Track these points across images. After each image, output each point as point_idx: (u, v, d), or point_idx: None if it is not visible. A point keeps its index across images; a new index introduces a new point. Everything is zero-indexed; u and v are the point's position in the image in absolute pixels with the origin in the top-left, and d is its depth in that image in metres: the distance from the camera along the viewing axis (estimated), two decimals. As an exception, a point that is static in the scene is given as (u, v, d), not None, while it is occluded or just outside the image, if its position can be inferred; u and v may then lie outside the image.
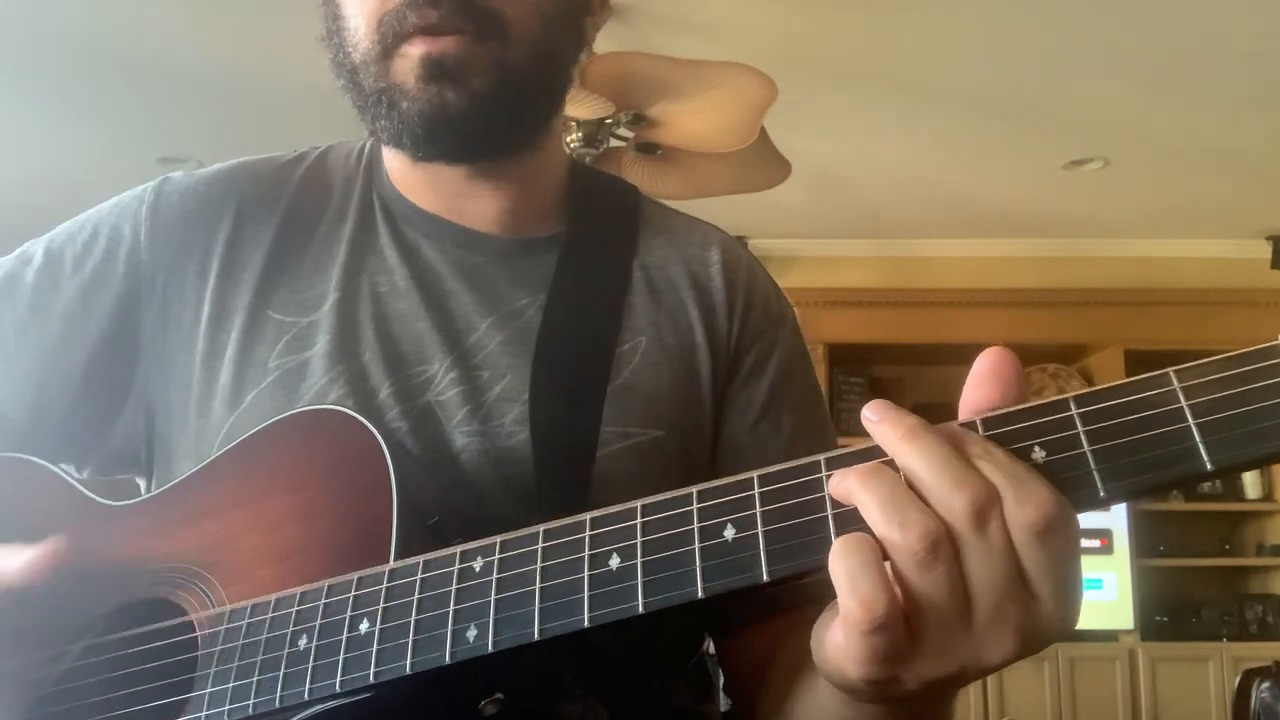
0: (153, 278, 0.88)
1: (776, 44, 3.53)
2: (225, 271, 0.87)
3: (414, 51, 0.79)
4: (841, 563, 0.50)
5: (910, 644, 0.50)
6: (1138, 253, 5.36)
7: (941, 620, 0.50)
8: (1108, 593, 5.10)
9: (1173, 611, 5.27)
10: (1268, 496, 5.40)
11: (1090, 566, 4.95)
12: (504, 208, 0.90)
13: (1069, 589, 0.50)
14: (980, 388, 0.54)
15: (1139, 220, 5.15)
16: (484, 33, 0.79)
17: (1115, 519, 5.17)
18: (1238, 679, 3.93)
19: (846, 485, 0.52)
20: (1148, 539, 5.28)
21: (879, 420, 0.53)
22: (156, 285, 0.88)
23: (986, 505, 0.49)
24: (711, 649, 0.94)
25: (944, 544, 0.49)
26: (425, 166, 0.88)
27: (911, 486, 0.51)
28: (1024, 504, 0.48)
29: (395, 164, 0.92)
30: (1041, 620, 0.50)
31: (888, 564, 0.51)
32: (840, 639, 0.52)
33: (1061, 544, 0.49)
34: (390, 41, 0.80)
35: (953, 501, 0.49)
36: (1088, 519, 0.54)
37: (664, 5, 3.26)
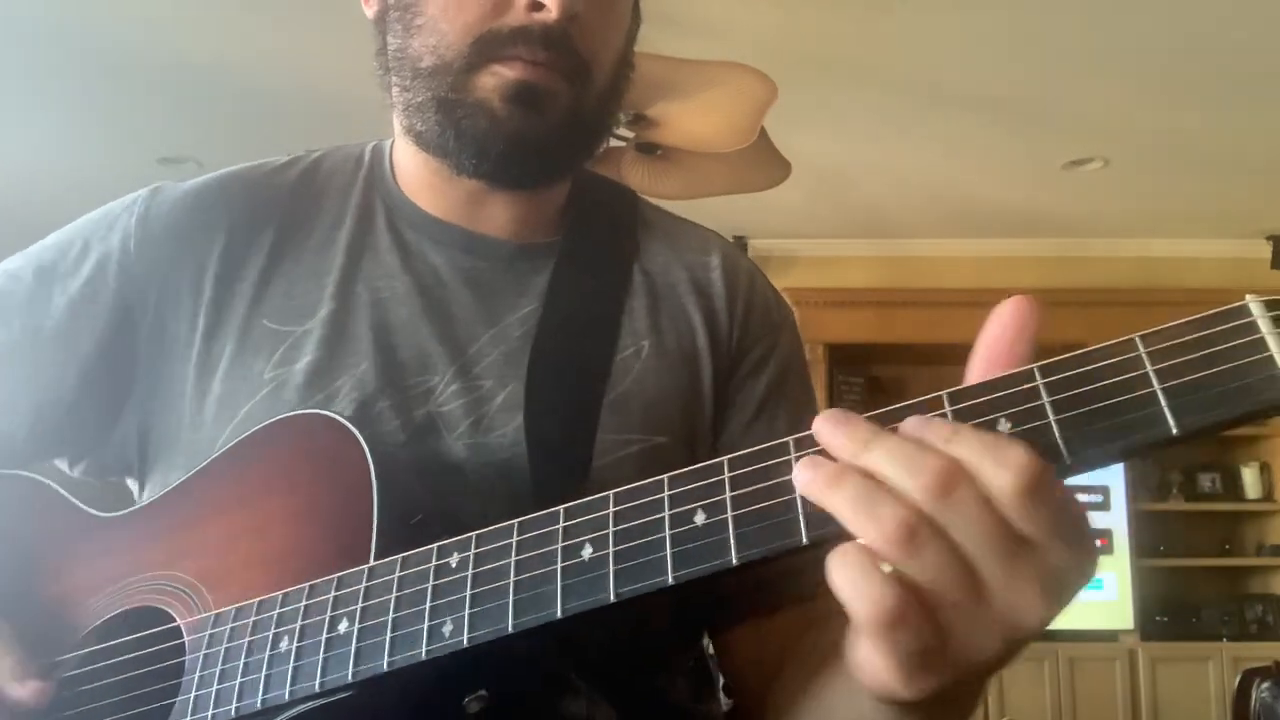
0: (144, 291, 0.86)
1: (777, 44, 3.53)
2: (220, 283, 0.86)
3: (509, 73, 0.79)
4: (839, 574, 0.50)
5: (937, 634, 0.49)
6: (1138, 253, 5.36)
7: (955, 599, 0.49)
8: (1108, 593, 5.09)
9: (1173, 611, 5.27)
10: (1268, 496, 5.39)
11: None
12: (516, 216, 0.90)
13: (1077, 534, 0.49)
14: (1003, 337, 0.53)
15: (1139, 220, 5.15)
16: (574, 77, 0.81)
17: (1115, 519, 5.16)
18: (1238, 679, 3.93)
19: (814, 491, 0.51)
20: (1148, 539, 5.27)
21: (832, 435, 0.52)
22: (149, 299, 0.86)
23: (949, 479, 0.48)
24: (712, 649, 0.94)
25: (922, 527, 0.49)
26: (450, 177, 0.87)
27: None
28: (1001, 469, 0.48)
29: (409, 168, 0.91)
30: (1059, 570, 0.49)
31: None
32: (872, 657, 0.50)
33: (1049, 495, 0.48)
34: (483, 59, 0.80)
35: (915, 484, 0.49)
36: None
37: (664, 5, 3.26)
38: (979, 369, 0.53)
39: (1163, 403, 0.47)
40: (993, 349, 0.53)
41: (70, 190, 4.43)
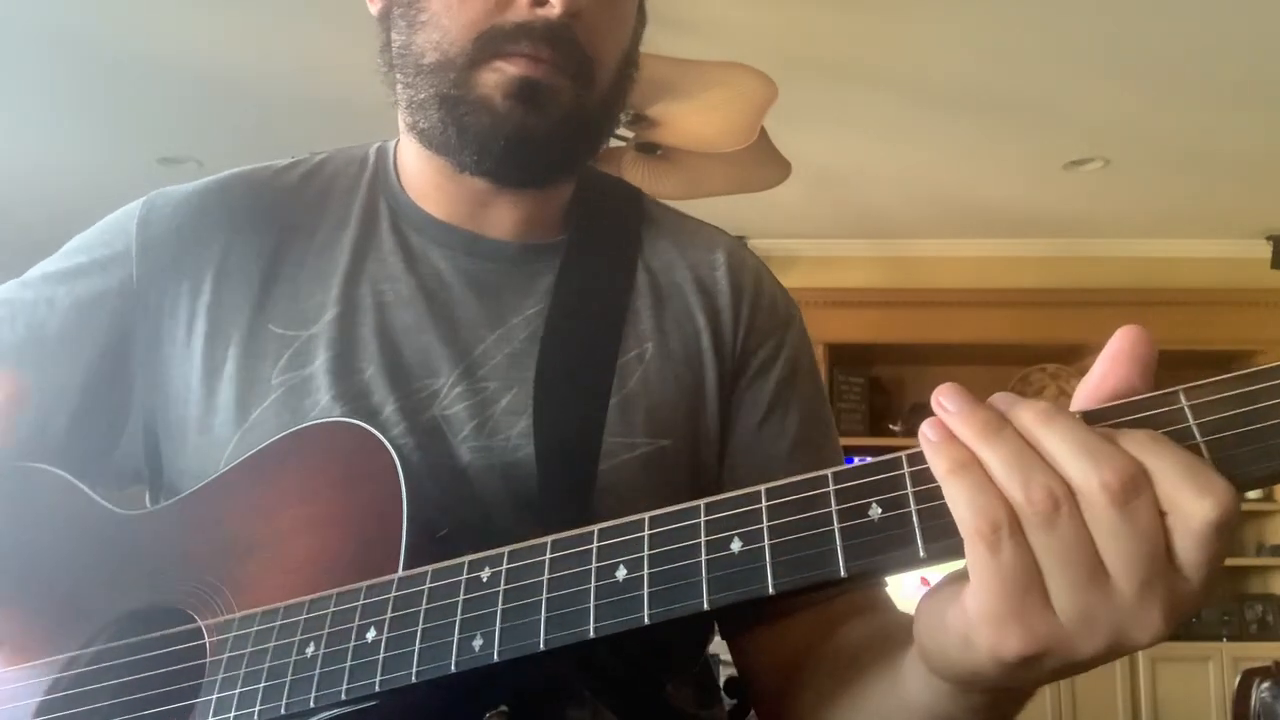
0: (144, 295, 0.86)
1: (776, 44, 3.53)
2: (220, 286, 0.86)
3: (511, 69, 0.79)
4: (954, 485, 0.49)
5: (1045, 605, 0.48)
6: (1138, 253, 5.36)
7: (1074, 584, 0.47)
8: (1108, 593, 5.09)
9: (1172, 611, 5.27)
10: (1268, 496, 5.38)
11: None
12: (521, 217, 0.90)
13: (1218, 570, 0.48)
14: (1120, 365, 0.51)
15: (1139, 220, 5.15)
16: (577, 74, 0.81)
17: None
18: (1238, 679, 3.92)
19: (966, 429, 0.49)
20: (1148, 539, 5.27)
21: (1001, 400, 0.50)
22: (149, 303, 0.86)
23: (1134, 484, 0.46)
24: (712, 650, 0.93)
25: (1065, 503, 0.47)
26: (455, 176, 0.87)
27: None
28: (1202, 498, 0.46)
29: (415, 169, 0.91)
30: (1191, 599, 0.48)
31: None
32: (975, 592, 0.49)
33: (1230, 534, 0.47)
34: (486, 55, 0.80)
35: (1095, 479, 0.47)
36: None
37: (664, 5, 3.24)
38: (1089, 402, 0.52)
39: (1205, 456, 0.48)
40: (1106, 382, 0.51)
41: (70, 190, 4.42)
